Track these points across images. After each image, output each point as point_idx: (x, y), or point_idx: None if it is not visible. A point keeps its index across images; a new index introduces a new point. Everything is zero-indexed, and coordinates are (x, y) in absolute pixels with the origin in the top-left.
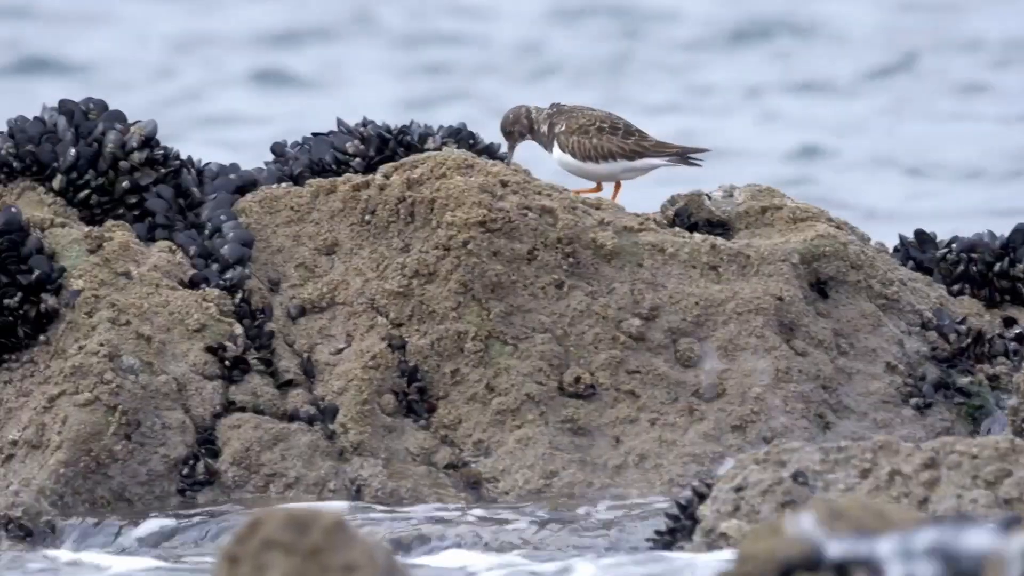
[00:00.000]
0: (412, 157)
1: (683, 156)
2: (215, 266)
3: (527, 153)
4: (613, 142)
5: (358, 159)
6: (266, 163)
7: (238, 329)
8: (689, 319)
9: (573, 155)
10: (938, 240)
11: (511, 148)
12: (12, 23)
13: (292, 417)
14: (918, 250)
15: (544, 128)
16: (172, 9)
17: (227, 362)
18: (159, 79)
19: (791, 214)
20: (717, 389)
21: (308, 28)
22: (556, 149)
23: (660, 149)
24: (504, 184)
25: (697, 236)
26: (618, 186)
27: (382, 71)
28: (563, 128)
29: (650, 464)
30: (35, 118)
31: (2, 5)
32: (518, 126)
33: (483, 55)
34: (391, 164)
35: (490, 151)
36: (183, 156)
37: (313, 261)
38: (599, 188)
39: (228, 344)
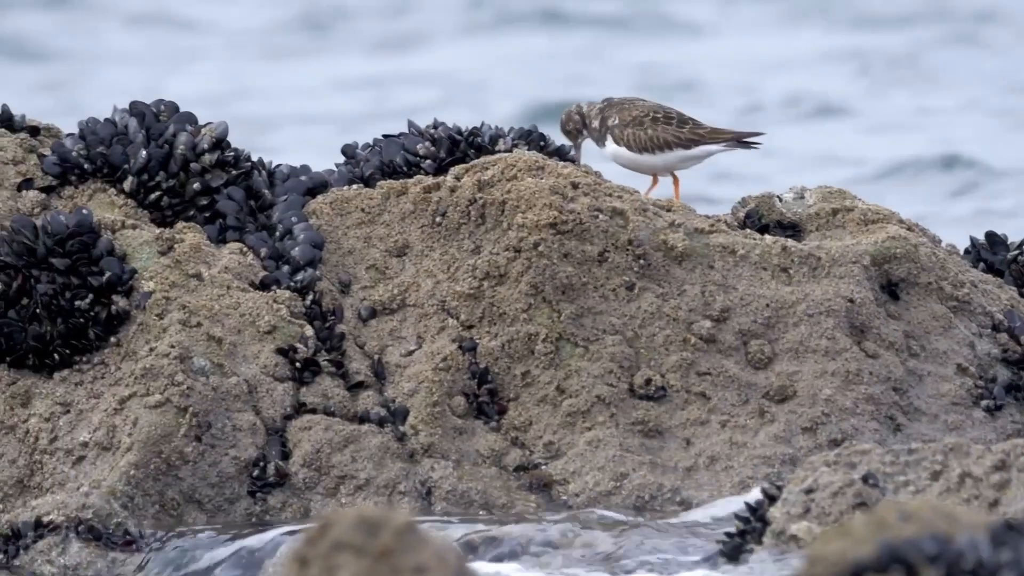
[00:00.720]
0: (483, 159)
1: (739, 140)
2: (286, 268)
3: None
4: (669, 132)
5: (429, 161)
6: (337, 165)
7: (309, 331)
8: (760, 321)
9: (628, 148)
10: (1009, 242)
11: (576, 148)
12: None
13: (362, 419)
14: (989, 252)
15: (596, 123)
16: None
17: (298, 364)
18: None
19: (862, 216)
20: (787, 391)
21: None
22: (610, 143)
23: (715, 136)
24: (575, 186)
25: (768, 238)
26: (676, 180)
27: None
28: (616, 121)
29: (720, 466)
30: (106, 120)
31: None
32: (572, 124)
33: None
34: (462, 166)
35: (561, 153)
36: (254, 158)
37: (384, 263)
38: (656, 182)
39: (299, 346)
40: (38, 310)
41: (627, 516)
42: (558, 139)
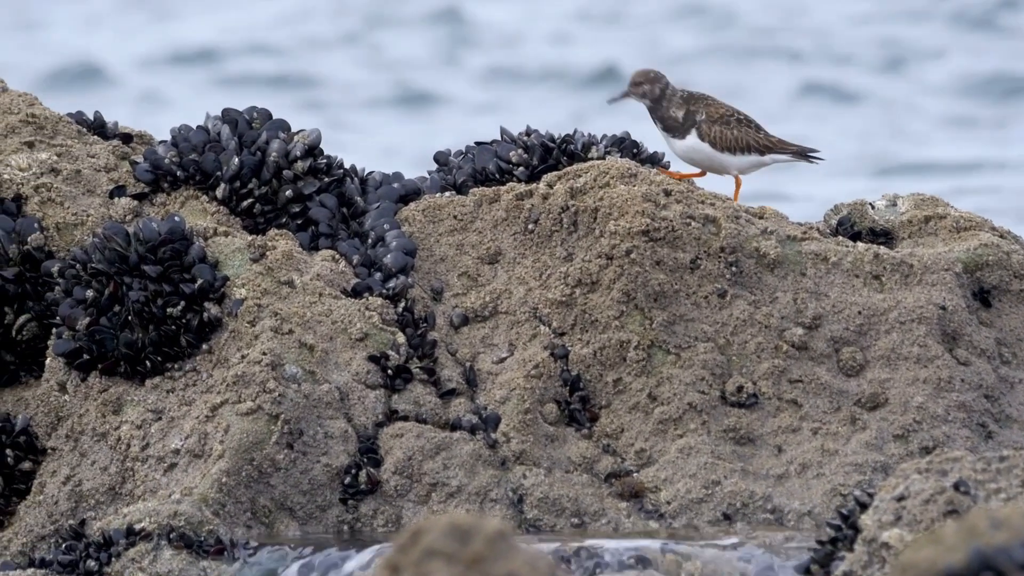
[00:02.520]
0: (575, 166)
1: (802, 154)
2: (378, 275)
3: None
4: (751, 135)
5: (521, 168)
6: (429, 172)
7: (401, 338)
8: (851, 328)
9: (712, 144)
10: None
11: (624, 96)
12: None
13: (454, 426)
14: None
15: (677, 112)
16: None
17: (390, 371)
18: None
19: (954, 223)
20: (879, 398)
21: None
22: (693, 137)
23: (784, 146)
24: (667, 193)
25: (860, 245)
26: (739, 182)
27: None
28: (704, 116)
29: (812, 473)
30: (198, 127)
31: None
32: (649, 86)
33: None
34: (555, 173)
35: (654, 160)
36: (346, 165)
37: (476, 270)
38: (703, 174)
39: (391, 353)
40: (130, 317)
41: (717, 524)
42: (651, 146)
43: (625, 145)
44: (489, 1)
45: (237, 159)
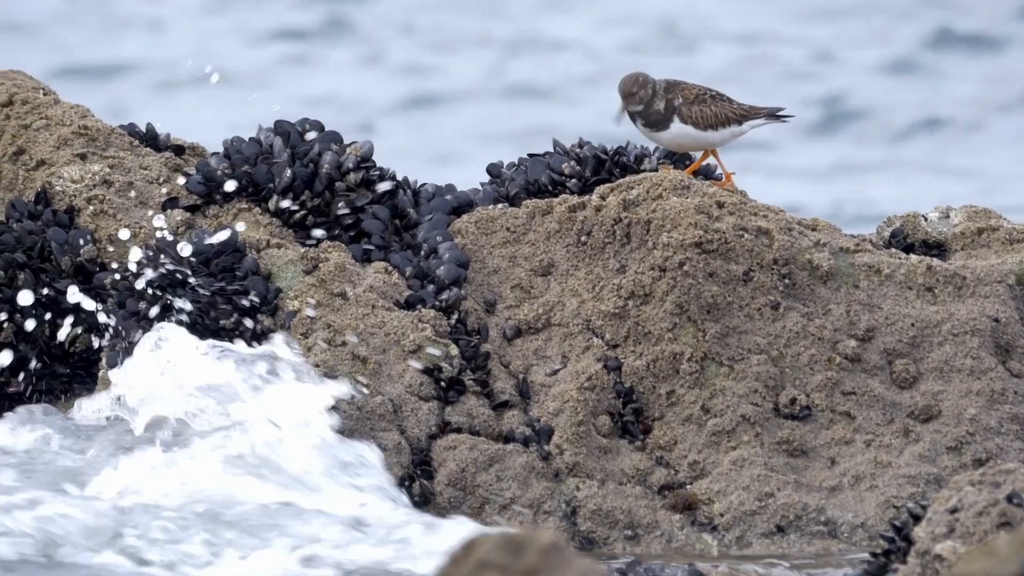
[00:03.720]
0: (628, 178)
1: (772, 115)
2: (431, 287)
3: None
4: (727, 108)
5: (574, 180)
6: (482, 184)
7: (454, 350)
8: (905, 340)
9: (696, 125)
10: None
11: (624, 111)
12: None
13: (507, 438)
14: None
15: (659, 105)
16: None
17: (443, 383)
18: None
19: (1007, 235)
20: (932, 410)
21: None
22: (676, 123)
23: (756, 111)
24: (720, 205)
25: (913, 257)
26: (716, 154)
27: None
28: (681, 100)
29: (865, 485)
30: (251, 139)
31: None
32: (642, 92)
33: None
34: (607, 185)
35: (707, 172)
36: (399, 177)
37: (529, 282)
38: (707, 155)
39: (444, 365)
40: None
41: (770, 537)
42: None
43: (678, 157)
44: None
45: (290, 171)
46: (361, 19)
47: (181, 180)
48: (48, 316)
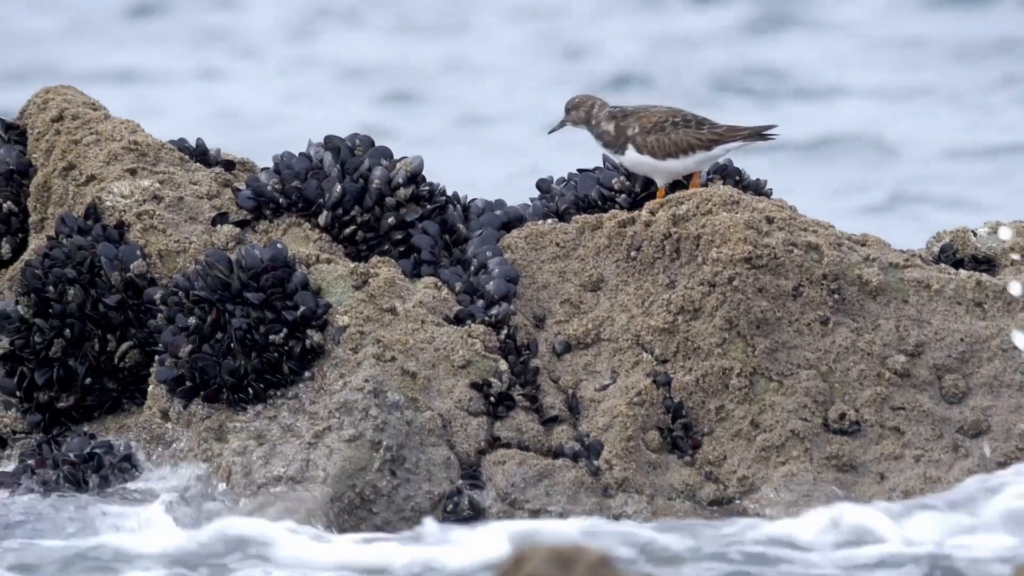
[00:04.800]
0: (678, 193)
1: (756, 135)
2: (480, 302)
3: None
4: (690, 135)
5: (624, 195)
6: (532, 199)
7: (503, 365)
8: (954, 355)
9: (653, 155)
10: None
11: (561, 124)
12: None
13: (557, 453)
14: None
15: (608, 127)
16: None
17: (492, 398)
18: None
19: None
20: (982, 425)
21: None
22: (631, 151)
23: (733, 133)
24: (770, 220)
25: (962, 272)
26: (697, 176)
27: None
28: (636, 130)
29: (914, 501)
30: (301, 154)
31: None
32: (576, 112)
33: None
34: (657, 200)
35: (757, 187)
36: (448, 192)
37: (578, 297)
38: (664, 191)
39: (493, 380)
40: (232, 344)
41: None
42: (753, 173)
43: (727, 172)
44: None
45: (340, 186)
46: None
47: (231, 195)
48: (98, 331)
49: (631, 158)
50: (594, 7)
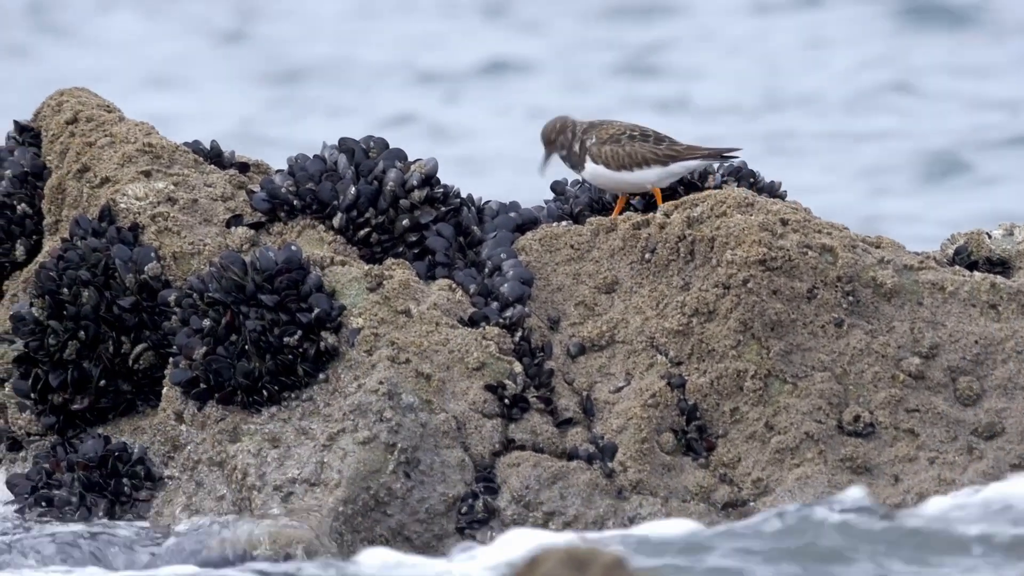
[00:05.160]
0: (692, 195)
1: (716, 155)
2: (495, 304)
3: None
4: (646, 148)
5: (638, 197)
6: (546, 201)
7: (518, 367)
8: (968, 358)
9: (607, 165)
10: None
11: (547, 158)
12: None
13: (571, 455)
14: None
15: (575, 146)
16: None
17: (506, 400)
18: None
19: None
20: (996, 428)
21: None
22: (588, 163)
23: (692, 152)
24: (784, 222)
25: (977, 274)
26: (657, 193)
27: None
28: (593, 140)
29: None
30: (315, 156)
31: None
32: (562, 137)
33: None
34: (671, 202)
35: (771, 189)
36: (463, 194)
37: (593, 299)
38: (623, 202)
39: (507, 382)
40: (247, 346)
41: None
42: (767, 175)
43: (742, 174)
44: None
45: (354, 188)
46: None
47: (245, 197)
48: (112, 333)
49: (589, 170)
50: None
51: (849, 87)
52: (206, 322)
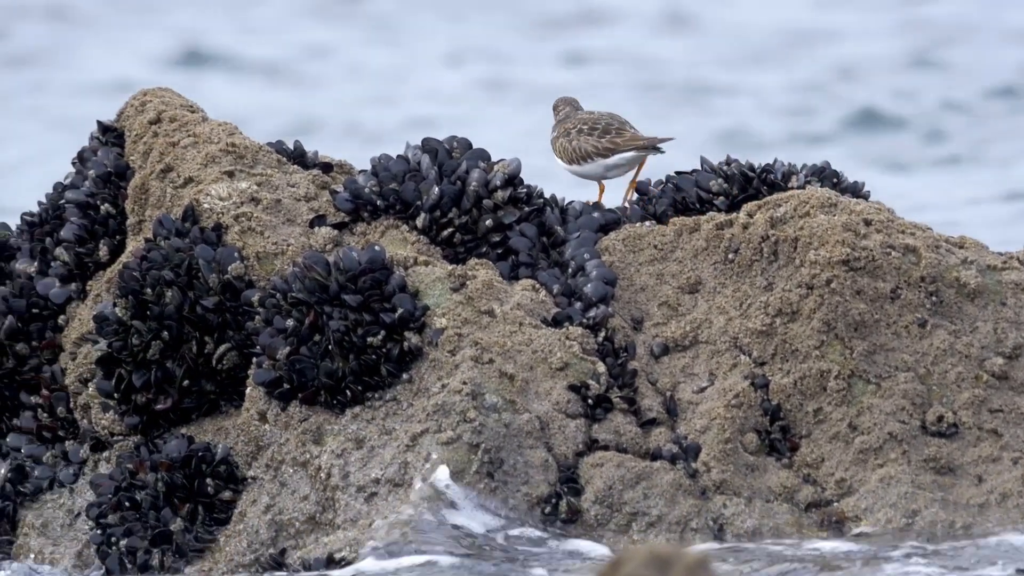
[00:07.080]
0: (775, 195)
1: (649, 147)
2: (578, 304)
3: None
4: (589, 142)
5: (721, 197)
6: (629, 202)
7: (601, 367)
8: None
9: (562, 159)
10: None
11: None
12: None
13: (655, 456)
14: None
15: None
16: None
17: (590, 400)
18: None
19: None
20: None
21: None
22: (554, 156)
23: (631, 143)
24: (868, 223)
25: None
26: (601, 187)
27: None
28: (555, 134)
29: (1012, 503)
30: (398, 156)
31: None
32: (564, 107)
33: None
34: (755, 202)
35: (854, 189)
36: (546, 195)
37: (676, 299)
38: (603, 189)
39: (591, 382)
40: (330, 347)
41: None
42: (851, 175)
43: (825, 175)
44: None
45: (437, 188)
46: None
47: (328, 197)
48: (196, 333)
49: (558, 163)
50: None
51: None
52: (289, 322)
